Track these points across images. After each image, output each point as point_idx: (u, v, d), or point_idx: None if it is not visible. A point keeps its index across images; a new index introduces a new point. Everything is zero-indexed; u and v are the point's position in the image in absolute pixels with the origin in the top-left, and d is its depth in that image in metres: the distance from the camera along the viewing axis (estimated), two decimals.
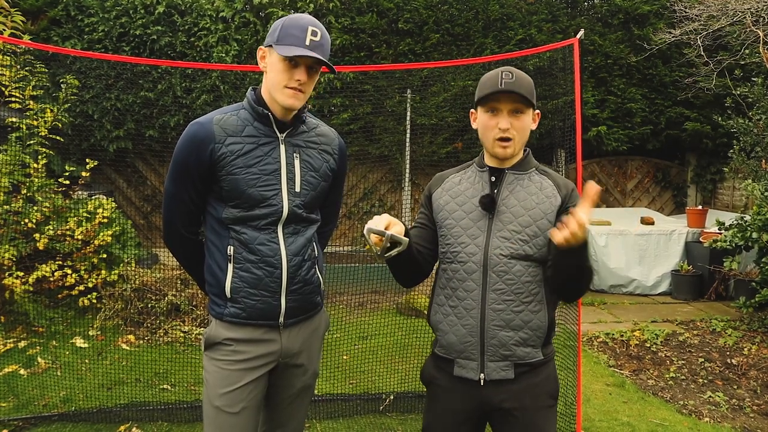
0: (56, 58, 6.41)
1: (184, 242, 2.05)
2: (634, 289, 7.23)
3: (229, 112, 1.95)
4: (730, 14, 7.14)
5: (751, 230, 5.39)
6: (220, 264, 1.94)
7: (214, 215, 1.95)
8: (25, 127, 5.15)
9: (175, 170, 1.93)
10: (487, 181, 1.93)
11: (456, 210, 1.93)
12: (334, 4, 7.74)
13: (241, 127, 1.92)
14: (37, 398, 3.98)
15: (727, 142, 7.51)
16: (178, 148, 1.92)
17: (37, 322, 5.21)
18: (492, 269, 1.84)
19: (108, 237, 5.32)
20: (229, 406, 1.90)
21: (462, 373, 1.88)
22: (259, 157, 1.91)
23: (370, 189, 8.47)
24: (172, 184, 1.95)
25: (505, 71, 1.85)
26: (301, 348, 2.04)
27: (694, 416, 4.05)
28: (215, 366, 1.94)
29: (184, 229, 2.01)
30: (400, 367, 4.43)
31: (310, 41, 1.85)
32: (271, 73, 1.89)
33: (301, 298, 2.00)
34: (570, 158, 3.77)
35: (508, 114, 1.86)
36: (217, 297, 1.97)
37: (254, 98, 1.95)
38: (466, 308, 1.86)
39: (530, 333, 1.85)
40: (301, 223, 1.99)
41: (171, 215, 2.00)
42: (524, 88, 1.84)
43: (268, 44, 1.90)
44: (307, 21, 1.88)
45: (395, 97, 7.04)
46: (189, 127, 1.92)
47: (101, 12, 7.46)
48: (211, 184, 1.92)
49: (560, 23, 8.34)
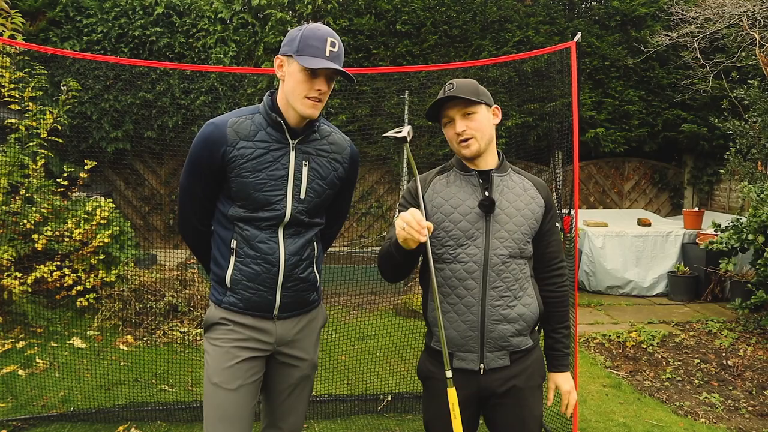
0: (55, 60, 6.41)
1: (197, 233, 2.14)
2: (631, 291, 7.26)
3: (245, 115, 2.01)
4: (726, 17, 7.18)
5: (747, 232, 5.41)
6: (224, 255, 2.04)
7: (222, 210, 2.04)
8: (24, 128, 5.16)
9: (189, 166, 2.03)
10: (478, 185, 2.03)
11: (452, 212, 2.01)
12: (333, 5, 7.76)
13: (254, 132, 1.98)
14: (35, 399, 3.98)
15: (724, 144, 7.55)
16: (193, 146, 2.01)
17: (35, 323, 5.21)
18: (492, 268, 1.96)
19: (106, 238, 5.33)
20: (227, 383, 1.98)
21: (462, 365, 2.00)
22: (269, 162, 1.97)
23: (368, 190, 8.49)
24: (186, 178, 2.05)
25: (448, 84, 2.00)
26: (296, 337, 2.11)
27: (689, 417, 4.07)
28: (213, 345, 2.03)
29: (197, 220, 2.11)
30: (397, 368, 4.44)
31: (330, 52, 1.90)
32: (291, 82, 1.93)
33: (295, 295, 2.07)
34: (567, 160, 3.78)
35: (461, 118, 1.98)
36: (218, 284, 2.07)
37: (270, 104, 2.00)
38: (467, 305, 1.98)
39: (524, 324, 2.01)
40: (302, 227, 2.06)
41: (185, 207, 2.11)
42: (465, 91, 1.96)
43: (287, 53, 1.93)
44: (326, 32, 1.92)
45: (393, 99, 7.06)
46: (205, 126, 1.99)
47: (100, 13, 7.47)
48: (222, 182, 2.00)
49: (558, 25, 8.36)
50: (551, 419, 3.66)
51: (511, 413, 2.02)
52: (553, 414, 3.66)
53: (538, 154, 7.97)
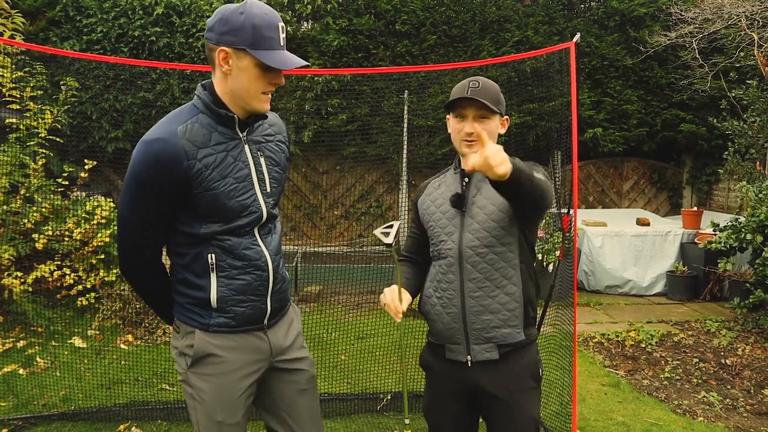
0: (55, 59, 6.42)
1: (150, 267, 1.88)
2: (630, 290, 7.27)
3: (186, 118, 1.76)
4: (725, 17, 7.19)
5: (746, 232, 5.42)
6: (200, 274, 1.81)
7: (189, 232, 1.79)
8: (24, 127, 5.17)
9: (136, 192, 1.74)
10: (459, 182, 2.10)
11: (435, 212, 2.12)
12: (332, 5, 7.77)
13: (207, 136, 1.75)
14: (36, 398, 4.00)
15: (722, 144, 7.56)
16: (140, 170, 1.72)
17: (35, 322, 5.22)
18: (467, 261, 2.01)
19: (106, 237, 5.33)
20: (231, 417, 1.86)
21: (452, 356, 2.07)
22: (231, 164, 1.78)
23: (368, 190, 8.50)
24: (131, 207, 1.76)
25: (473, 81, 2.02)
26: (288, 341, 2.01)
27: (688, 416, 4.09)
28: (208, 383, 1.85)
29: (150, 253, 1.84)
30: (397, 367, 4.46)
31: (282, 40, 1.73)
32: (244, 78, 1.72)
33: (281, 297, 1.98)
34: (566, 159, 3.79)
35: (474, 119, 2.00)
36: (200, 308, 1.84)
37: (212, 99, 1.77)
38: (449, 298, 2.04)
39: (508, 314, 2.01)
40: (271, 221, 1.93)
41: (133, 240, 1.82)
42: (488, 97, 1.98)
43: (236, 45, 1.69)
44: (274, 16, 1.73)
45: (392, 99, 7.07)
46: (147, 145, 1.71)
47: (100, 13, 7.47)
48: (184, 202, 1.75)
49: (557, 25, 8.38)
50: (550, 418, 3.67)
51: (504, 414, 2.03)
52: (552, 413, 3.67)
53: (538, 153, 7.97)
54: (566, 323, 3.66)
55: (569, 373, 3.52)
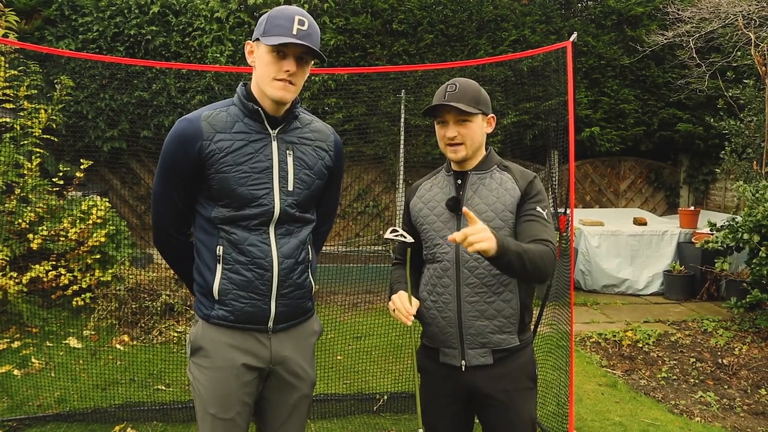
0: (50, 58, 6.39)
1: (174, 243, 2.00)
2: (627, 290, 7.27)
3: (219, 108, 1.89)
4: (722, 17, 7.20)
5: (742, 231, 5.43)
6: (209, 264, 1.88)
7: (204, 214, 1.89)
8: (18, 127, 5.14)
9: (163, 169, 1.88)
10: (453, 185, 2.08)
11: (429, 215, 2.09)
12: (329, 4, 7.76)
13: (230, 124, 1.86)
14: (31, 399, 3.98)
15: (719, 144, 7.58)
16: (165, 146, 1.87)
17: (30, 323, 5.20)
18: (464, 265, 1.99)
19: (102, 237, 5.32)
20: (224, 412, 1.87)
21: (446, 360, 2.06)
22: (249, 154, 1.84)
23: (365, 189, 8.49)
24: (160, 184, 1.90)
25: (451, 84, 1.99)
26: (292, 354, 1.95)
27: (685, 416, 4.09)
28: (204, 374, 1.88)
29: (174, 230, 1.96)
30: (393, 368, 4.44)
31: (298, 30, 1.78)
32: (260, 66, 1.84)
33: (291, 303, 1.93)
34: (563, 159, 3.79)
35: (455, 123, 1.99)
36: (204, 298, 1.91)
37: (244, 94, 1.89)
38: (445, 302, 2.02)
39: (504, 321, 1.99)
40: (294, 224, 1.92)
41: (160, 216, 1.95)
42: (467, 99, 1.96)
43: (255, 38, 1.85)
44: (294, 11, 1.80)
45: (389, 98, 7.06)
46: (177, 123, 1.86)
47: (95, 12, 7.45)
48: (201, 182, 1.86)
49: (554, 24, 8.38)
50: (547, 418, 3.66)
51: (500, 415, 2.01)
52: (549, 413, 3.67)
53: (534, 153, 7.98)
54: (563, 323, 3.66)
55: (566, 373, 3.52)
